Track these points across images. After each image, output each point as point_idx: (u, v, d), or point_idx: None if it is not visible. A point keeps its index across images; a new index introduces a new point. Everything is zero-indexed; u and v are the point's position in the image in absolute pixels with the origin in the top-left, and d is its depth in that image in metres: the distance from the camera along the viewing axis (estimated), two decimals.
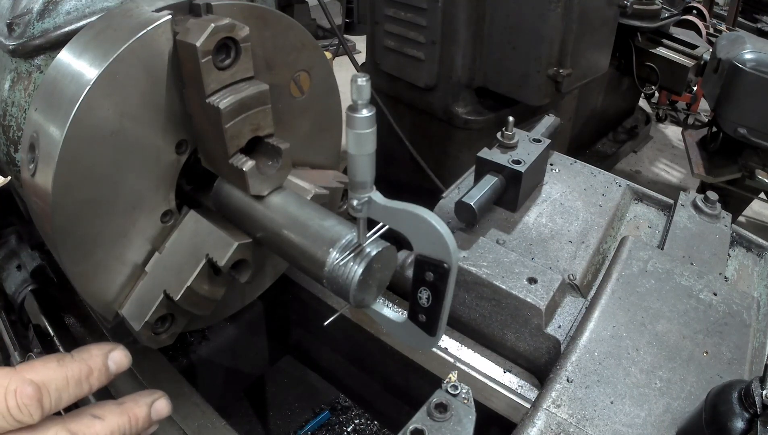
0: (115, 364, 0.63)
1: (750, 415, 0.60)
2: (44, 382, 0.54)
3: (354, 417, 1.98)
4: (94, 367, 0.60)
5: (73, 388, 0.57)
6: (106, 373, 0.61)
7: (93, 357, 0.61)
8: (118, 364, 0.63)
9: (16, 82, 0.86)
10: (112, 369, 0.62)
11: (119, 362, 0.63)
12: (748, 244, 1.16)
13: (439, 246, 0.60)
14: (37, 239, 1.28)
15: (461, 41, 2.24)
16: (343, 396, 1.77)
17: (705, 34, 4.04)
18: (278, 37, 0.84)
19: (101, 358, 0.61)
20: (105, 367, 0.61)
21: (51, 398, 0.54)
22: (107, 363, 0.62)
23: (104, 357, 0.62)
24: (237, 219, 0.82)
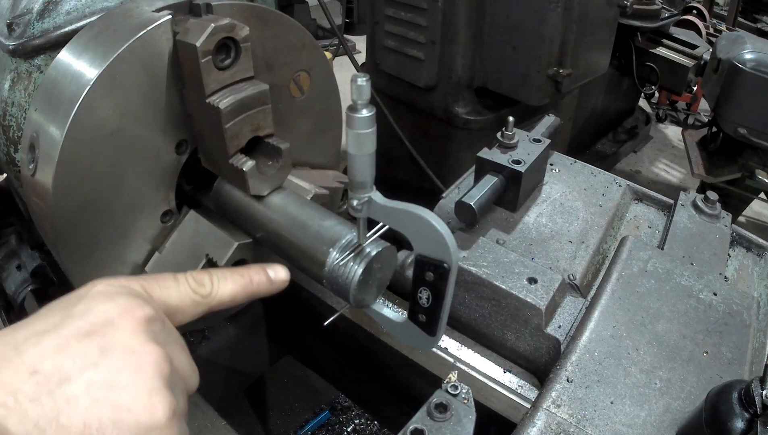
0: (275, 272, 0.66)
1: (750, 415, 0.60)
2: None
3: (354, 417, 1.98)
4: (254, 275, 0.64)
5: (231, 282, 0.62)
6: (267, 280, 0.65)
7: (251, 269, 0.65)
8: (277, 272, 0.66)
9: (16, 82, 0.86)
10: (272, 276, 0.66)
11: (278, 272, 0.67)
12: (748, 244, 1.16)
13: (439, 246, 0.60)
14: (37, 239, 1.28)
15: (461, 41, 2.24)
16: (343, 396, 1.77)
17: (705, 34, 4.04)
18: (278, 37, 0.84)
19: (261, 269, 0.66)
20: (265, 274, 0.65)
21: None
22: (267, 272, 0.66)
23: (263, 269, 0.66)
24: (237, 219, 0.82)
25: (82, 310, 0.47)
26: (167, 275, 0.58)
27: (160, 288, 0.56)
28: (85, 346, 0.45)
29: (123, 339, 0.46)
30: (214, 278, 0.61)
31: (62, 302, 0.49)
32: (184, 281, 0.58)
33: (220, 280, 0.60)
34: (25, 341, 0.44)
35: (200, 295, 0.58)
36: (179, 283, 0.58)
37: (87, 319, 0.46)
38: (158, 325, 0.51)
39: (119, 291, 0.50)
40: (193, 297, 0.58)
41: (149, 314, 0.49)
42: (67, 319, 0.46)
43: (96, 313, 0.47)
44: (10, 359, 0.43)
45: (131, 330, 0.47)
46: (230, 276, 0.62)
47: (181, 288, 0.58)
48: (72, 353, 0.44)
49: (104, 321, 0.47)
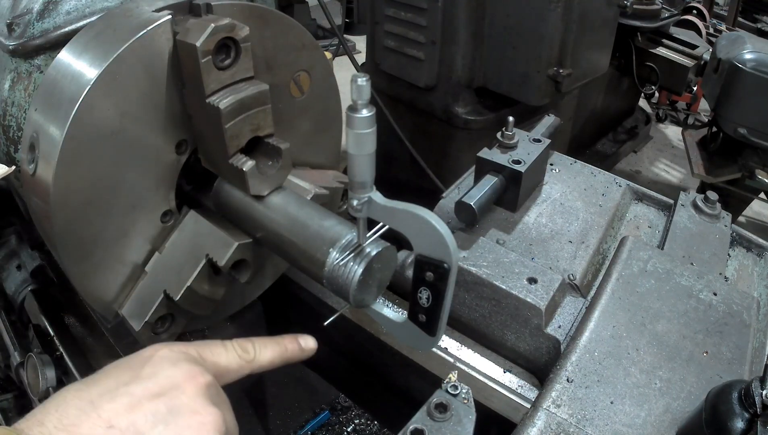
0: (305, 342, 0.74)
1: (750, 415, 0.60)
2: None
3: (354, 417, 1.98)
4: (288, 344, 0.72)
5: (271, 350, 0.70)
6: (299, 349, 0.73)
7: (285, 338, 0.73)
8: (307, 342, 0.74)
9: (16, 82, 0.86)
10: (303, 345, 0.73)
11: (308, 342, 0.74)
12: (748, 244, 1.16)
13: (439, 246, 0.60)
14: (37, 239, 1.28)
15: (461, 41, 2.24)
16: (343, 396, 1.77)
17: (705, 34, 4.04)
18: (278, 37, 0.84)
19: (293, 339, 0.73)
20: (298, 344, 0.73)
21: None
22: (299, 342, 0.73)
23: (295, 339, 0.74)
24: (237, 219, 0.82)
25: (150, 373, 0.54)
26: (217, 342, 0.65)
27: (212, 354, 0.63)
28: (156, 405, 0.52)
29: (188, 401, 0.54)
30: (257, 346, 0.68)
31: (129, 362, 0.57)
32: (232, 348, 0.66)
33: (261, 348, 0.69)
34: (100, 397, 0.50)
35: (245, 360, 0.66)
36: (227, 350, 0.65)
37: (156, 382, 0.54)
38: (214, 389, 0.59)
39: (181, 357, 0.58)
40: (239, 362, 0.66)
41: (208, 380, 0.57)
42: (137, 380, 0.53)
43: (163, 377, 0.54)
44: (87, 413, 0.49)
45: (194, 393, 0.55)
46: (269, 344, 0.70)
47: (229, 354, 0.65)
48: (144, 411, 0.51)
49: (171, 384, 0.54)
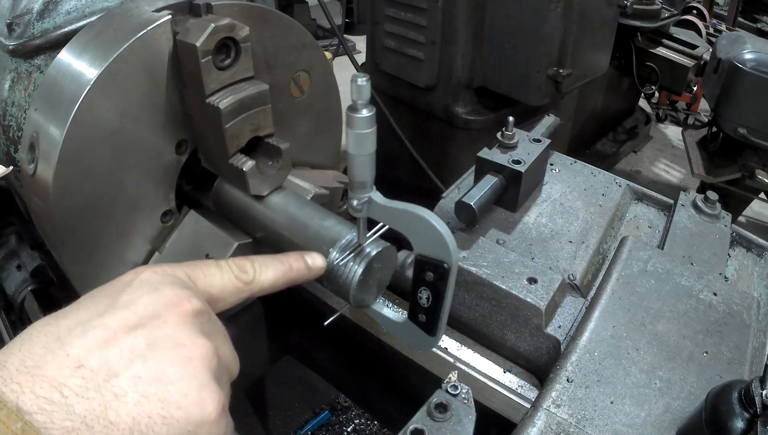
0: (312, 259, 0.67)
1: (750, 415, 0.60)
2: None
3: (354, 417, 1.98)
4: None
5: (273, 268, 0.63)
6: (305, 267, 0.67)
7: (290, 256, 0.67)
8: (314, 260, 0.68)
9: (16, 82, 0.86)
10: (310, 263, 0.67)
11: (316, 260, 0.68)
12: (748, 244, 1.16)
13: (439, 246, 0.60)
14: (37, 239, 1.28)
15: (461, 41, 2.24)
16: (343, 396, 1.77)
17: (705, 34, 4.03)
18: (278, 37, 0.84)
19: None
20: (304, 262, 0.67)
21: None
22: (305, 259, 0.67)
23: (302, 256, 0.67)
24: (237, 219, 0.82)
25: (127, 301, 0.46)
26: (210, 262, 0.58)
27: (204, 275, 0.55)
28: (132, 339, 0.43)
29: (170, 332, 0.45)
30: (256, 265, 0.60)
31: (107, 290, 0.48)
32: (227, 268, 0.58)
33: (261, 267, 0.60)
34: (69, 332, 0.43)
35: (243, 282, 0.58)
36: (222, 270, 0.57)
37: (133, 311, 0.45)
38: (204, 316, 0.50)
39: (165, 280, 0.49)
40: (236, 284, 0.58)
41: (196, 307, 0.49)
42: (113, 310, 0.45)
43: (143, 305, 0.46)
44: (53, 351, 0.41)
45: (178, 323, 0.46)
46: (271, 263, 0.62)
47: (224, 275, 0.57)
48: (119, 347, 0.43)
49: (151, 313, 0.46)
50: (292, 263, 0.65)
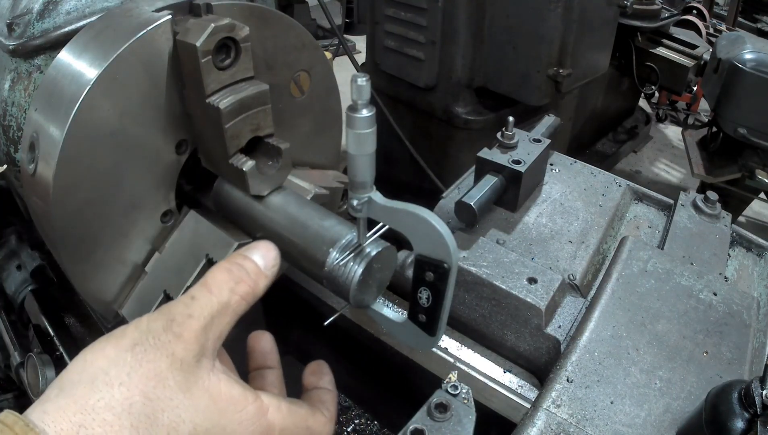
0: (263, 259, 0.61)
1: (750, 415, 0.60)
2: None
3: (354, 417, 1.98)
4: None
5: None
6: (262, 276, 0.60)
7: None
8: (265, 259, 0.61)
9: (16, 82, 0.86)
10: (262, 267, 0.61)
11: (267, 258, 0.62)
12: (748, 244, 1.16)
13: (439, 246, 0.60)
14: (37, 239, 1.28)
15: (461, 41, 2.24)
16: (343, 396, 1.77)
17: (705, 34, 4.04)
18: (278, 37, 0.84)
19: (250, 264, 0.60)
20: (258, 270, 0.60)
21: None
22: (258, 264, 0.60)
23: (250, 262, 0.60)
24: (237, 219, 0.82)
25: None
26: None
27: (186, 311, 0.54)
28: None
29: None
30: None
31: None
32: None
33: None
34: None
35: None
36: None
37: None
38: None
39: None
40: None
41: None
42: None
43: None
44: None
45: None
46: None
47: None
48: None
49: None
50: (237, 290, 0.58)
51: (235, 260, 0.59)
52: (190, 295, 0.54)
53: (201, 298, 0.54)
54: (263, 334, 0.72)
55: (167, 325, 0.51)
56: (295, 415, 0.59)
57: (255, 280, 0.59)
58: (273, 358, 0.71)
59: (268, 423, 0.55)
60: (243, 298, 0.57)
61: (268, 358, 0.71)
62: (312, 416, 0.62)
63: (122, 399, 0.47)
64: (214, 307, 0.54)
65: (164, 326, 0.51)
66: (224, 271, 0.57)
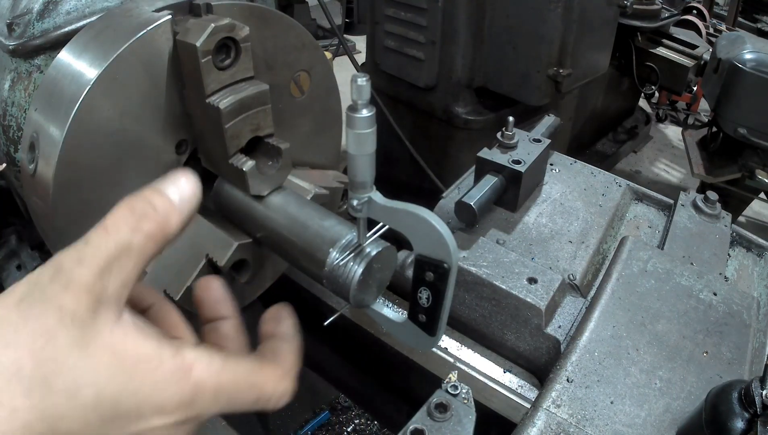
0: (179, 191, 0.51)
1: (750, 415, 0.60)
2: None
3: (354, 417, 1.98)
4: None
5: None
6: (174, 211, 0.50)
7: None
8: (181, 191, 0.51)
9: (16, 82, 0.86)
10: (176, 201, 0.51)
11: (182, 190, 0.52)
12: (748, 244, 1.16)
13: (439, 246, 0.60)
14: (37, 239, 1.28)
15: (461, 41, 2.24)
16: (343, 396, 1.77)
17: (705, 34, 4.04)
18: (278, 37, 0.84)
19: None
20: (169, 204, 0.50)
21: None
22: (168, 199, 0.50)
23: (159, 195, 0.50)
24: (237, 219, 0.82)
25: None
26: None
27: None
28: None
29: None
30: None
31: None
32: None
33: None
34: None
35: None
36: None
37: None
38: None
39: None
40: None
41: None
42: None
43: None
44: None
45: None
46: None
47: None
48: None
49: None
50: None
51: (141, 195, 0.48)
52: (85, 239, 0.45)
53: (94, 241, 0.45)
54: (210, 280, 0.61)
55: (54, 275, 0.44)
56: (234, 371, 0.50)
57: (165, 217, 0.49)
58: (226, 307, 0.61)
59: (195, 382, 0.47)
60: (149, 238, 0.47)
61: (220, 307, 0.61)
62: (259, 371, 0.53)
63: (9, 363, 0.41)
64: (111, 249, 0.45)
65: (51, 276, 0.44)
66: (126, 207, 0.47)
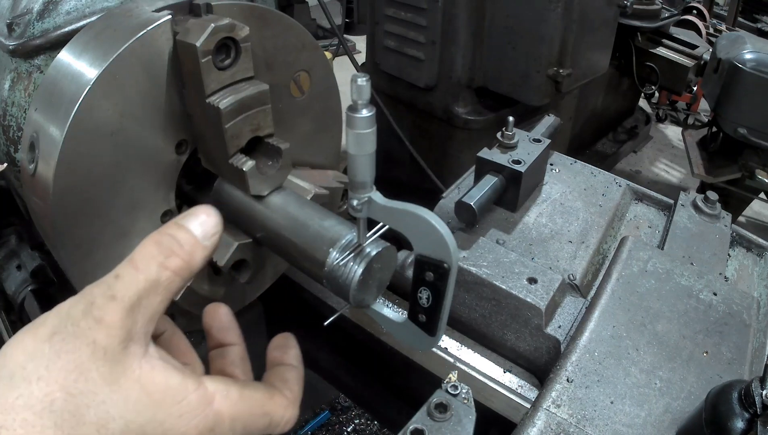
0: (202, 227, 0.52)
1: (750, 415, 0.60)
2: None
3: (354, 417, 1.98)
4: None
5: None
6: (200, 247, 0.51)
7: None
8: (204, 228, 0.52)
9: (16, 82, 0.86)
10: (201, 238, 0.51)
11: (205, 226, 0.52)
12: (748, 244, 1.16)
13: (439, 246, 0.60)
14: (37, 239, 1.28)
15: (461, 41, 2.24)
16: (343, 396, 1.77)
17: (705, 34, 4.04)
18: (278, 37, 0.84)
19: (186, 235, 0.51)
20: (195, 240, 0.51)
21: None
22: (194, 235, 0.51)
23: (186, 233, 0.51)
24: (237, 219, 0.82)
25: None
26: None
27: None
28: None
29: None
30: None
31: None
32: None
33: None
34: None
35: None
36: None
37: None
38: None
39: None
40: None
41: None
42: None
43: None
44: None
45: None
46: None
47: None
48: None
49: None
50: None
51: (166, 231, 0.51)
52: (114, 273, 0.48)
53: (125, 277, 0.47)
54: (218, 307, 0.64)
55: (87, 309, 0.45)
56: (249, 400, 0.53)
57: (190, 252, 0.50)
58: (233, 334, 0.64)
59: (215, 413, 0.49)
60: (176, 274, 0.49)
61: (228, 334, 0.63)
62: (270, 400, 0.55)
63: (42, 396, 0.42)
64: (141, 285, 0.47)
65: (84, 311, 0.45)
66: (153, 243, 0.49)
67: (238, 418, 0.51)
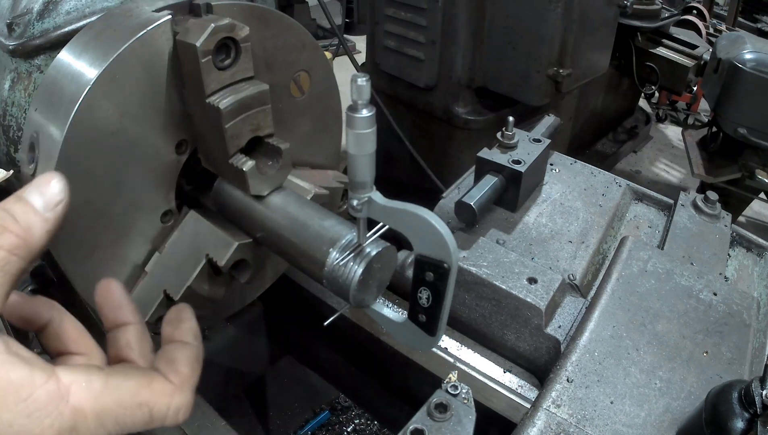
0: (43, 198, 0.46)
1: (750, 415, 0.60)
2: None
3: (354, 417, 1.98)
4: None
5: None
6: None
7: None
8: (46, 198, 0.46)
9: (16, 82, 0.86)
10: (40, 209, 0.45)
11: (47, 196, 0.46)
12: (748, 244, 1.16)
13: (439, 246, 0.60)
14: None
15: (461, 41, 2.24)
16: (343, 396, 1.77)
17: (705, 34, 4.03)
18: (278, 37, 0.84)
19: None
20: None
21: None
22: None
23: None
24: (237, 219, 0.82)
25: None
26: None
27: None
28: None
29: None
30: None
31: None
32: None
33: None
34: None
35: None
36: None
37: None
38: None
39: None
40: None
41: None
42: None
43: None
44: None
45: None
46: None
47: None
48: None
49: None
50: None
51: (1, 205, 0.44)
52: None
53: None
54: (109, 283, 0.57)
55: None
56: (117, 390, 0.45)
57: (26, 226, 0.44)
58: (126, 311, 0.56)
59: (73, 409, 0.42)
60: (11, 252, 0.43)
61: (120, 312, 0.56)
62: (147, 387, 0.47)
63: None
64: None
65: None
66: None
67: (104, 412, 0.44)
